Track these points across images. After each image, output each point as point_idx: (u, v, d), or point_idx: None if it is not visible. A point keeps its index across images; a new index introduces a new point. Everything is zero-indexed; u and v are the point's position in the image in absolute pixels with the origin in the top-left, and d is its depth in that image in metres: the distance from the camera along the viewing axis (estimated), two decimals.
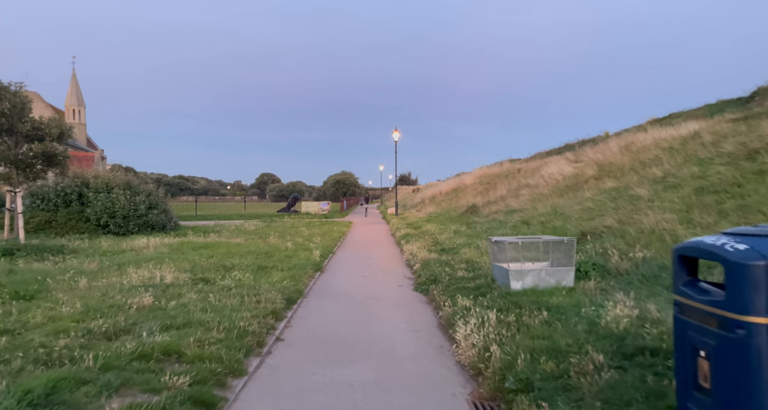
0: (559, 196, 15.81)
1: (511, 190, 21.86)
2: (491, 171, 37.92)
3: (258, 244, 14.30)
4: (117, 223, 15.77)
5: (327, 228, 21.82)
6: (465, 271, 8.84)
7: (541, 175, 20.66)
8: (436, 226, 18.65)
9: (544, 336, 4.52)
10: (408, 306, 7.44)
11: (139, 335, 4.63)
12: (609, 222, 9.47)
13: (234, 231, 18.92)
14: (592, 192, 13.49)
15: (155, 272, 8.29)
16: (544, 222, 12.57)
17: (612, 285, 6.44)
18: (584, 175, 16.23)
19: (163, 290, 6.93)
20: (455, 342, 5.24)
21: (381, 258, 13.31)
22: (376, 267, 11.64)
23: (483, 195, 25.17)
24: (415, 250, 12.63)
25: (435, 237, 15.20)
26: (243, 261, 10.54)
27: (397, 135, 30.43)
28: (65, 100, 64.90)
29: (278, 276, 9.05)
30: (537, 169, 24.18)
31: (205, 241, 14.41)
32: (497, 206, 19.07)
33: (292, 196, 37.83)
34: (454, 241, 13.44)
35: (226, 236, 16.80)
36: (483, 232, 14.78)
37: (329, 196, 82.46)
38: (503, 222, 15.47)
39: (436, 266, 9.81)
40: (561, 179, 17.89)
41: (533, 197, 17.34)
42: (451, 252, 11.94)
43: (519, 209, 16.49)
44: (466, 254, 10.80)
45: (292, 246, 14.03)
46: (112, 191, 16.14)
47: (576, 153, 22.13)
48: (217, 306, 6.11)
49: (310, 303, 7.58)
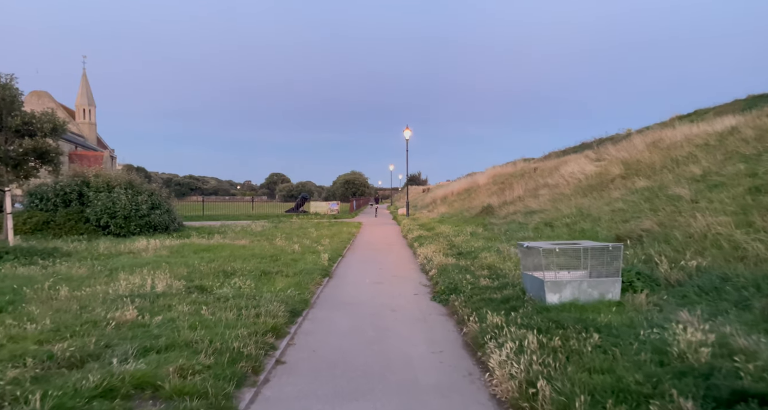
0: (583, 196, 14.87)
1: (528, 189, 20.90)
2: (505, 170, 36.93)
3: (263, 247, 13.55)
4: (118, 224, 15.13)
5: (336, 230, 21.06)
6: (488, 279, 7.97)
7: (560, 174, 19.69)
8: (450, 228, 17.78)
9: (603, 368, 3.65)
10: (426, 320, 6.60)
11: (110, 362, 3.85)
12: (648, 225, 8.54)
13: (240, 233, 18.22)
14: (621, 191, 12.54)
15: (148, 279, 7.55)
16: (570, 225, 11.65)
17: (666, 299, 5.54)
18: (609, 173, 15.25)
19: (151, 301, 6.17)
20: (487, 370, 4.40)
21: (393, 262, 12.49)
22: (388, 272, 10.82)
23: (498, 195, 24.22)
24: (430, 254, 11.79)
25: (450, 239, 14.34)
26: (245, 266, 9.78)
27: (409, 133, 29.59)
28: (76, 100, 65.00)
29: (283, 283, 8.27)
30: (555, 168, 23.20)
31: (208, 243, 13.71)
32: (515, 207, 18.15)
33: (301, 195, 37.13)
34: (471, 244, 12.57)
35: (230, 238, 16.09)
36: (502, 235, 13.89)
37: (338, 196, 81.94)
38: (523, 224, 14.56)
39: (455, 272, 8.96)
40: (583, 178, 16.92)
41: (554, 197, 16.40)
42: (469, 256, 11.07)
43: (539, 210, 15.56)
44: (487, 259, 9.92)
45: (299, 248, 13.27)
46: (113, 190, 15.51)
47: (596, 151, 21.11)
48: (210, 321, 5.33)
49: (316, 315, 6.77)
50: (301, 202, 35.92)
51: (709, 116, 19.00)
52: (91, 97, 66.15)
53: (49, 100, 63.29)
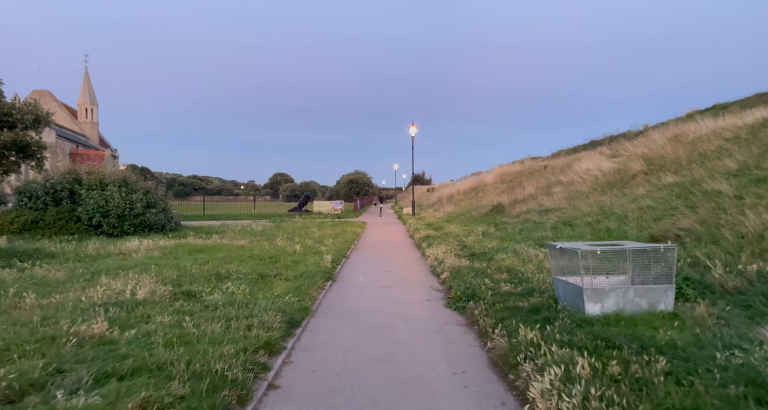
0: (601, 193, 14.00)
1: (540, 187, 20.04)
2: (512, 169, 36.07)
3: (263, 247, 12.77)
4: (111, 223, 14.38)
5: (340, 229, 20.26)
6: (510, 284, 7.14)
7: (575, 172, 18.81)
8: (459, 227, 16.95)
9: (687, 408, 2.82)
10: (443, 331, 5.78)
11: (55, 395, 3.05)
12: (687, 224, 7.68)
13: (239, 232, 17.45)
14: (646, 188, 11.67)
15: (130, 284, 6.77)
16: (593, 224, 10.80)
17: (729, 311, 4.70)
18: (629, 169, 14.37)
19: (129, 310, 5.39)
20: (526, 400, 3.58)
21: (401, 263, 11.67)
22: (396, 274, 10.01)
23: (508, 193, 23.35)
24: (441, 255, 10.97)
25: (461, 239, 13.51)
26: (242, 268, 9.00)
27: (414, 130, 28.74)
28: (78, 99, 64.52)
29: (281, 287, 7.47)
30: (567, 165, 22.34)
31: (204, 244, 12.93)
32: (527, 205, 17.28)
33: (304, 194, 36.34)
34: (484, 245, 11.74)
35: (229, 238, 15.32)
36: (516, 234, 13.04)
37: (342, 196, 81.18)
38: (538, 222, 13.71)
39: (470, 276, 8.14)
40: (600, 175, 16.05)
41: (570, 195, 15.53)
42: (483, 258, 10.24)
43: (555, 208, 14.70)
44: (505, 261, 9.08)
45: (300, 249, 12.47)
46: (107, 188, 14.77)
47: (612, 147, 20.23)
48: (192, 336, 4.53)
49: (317, 326, 5.97)
50: (304, 202, 35.13)
51: (733, 109, 18.07)
52: (93, 96, 65.65)
53: (50, 99, 62.90)
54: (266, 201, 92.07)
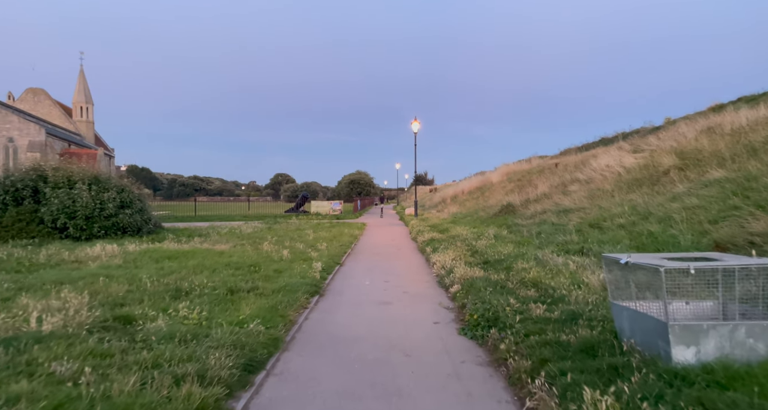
0: (628, 191, 12.43)
1: (554, 186, 18.46)
2: (519, 167, 34.54)
3: (245, 253, 11.24)
4: (77, 226, 12.85)
5: (337, 231, 18.71)
6: (541, 305, 5.57)
7: (592, 169, 17.23)
8: (467, 229, 15.38)
9: None
10: (459, 376, 4.22)
11: None
12: (761, 228, 6.11)
13: (226, 235, 15.93)
14: (686, 185, 10.09)
15: (53, 304, 5.23)
16: (627, 226, 9.22)
17: None
18: (659, 165, 12.79)
19: (17, 352, 3.83)
20: None
21: (403, 272, 10.12)
22: (397, 286, 8.46)
23: (517, 193, 21.78)
24: (449, 262, 9.42)
25: (470, 244, 11.94)
26: (210, 281, 7.46)
27: (417, 125, 27.16)
28: (73, 97, 63.15)
29: (251, 307, 5.92)
30: (581, 162, 20.74)
31: (178, 249, 11.40)
32: (542, 205, 15.71)
33: (301, 194, 34.75)
34: (498, 250, 10.16)
35: (212, 241, 13.80)
36: (534, 238, 11.46)
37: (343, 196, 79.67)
38: (558, 224, 12.13)
39: (487, 291, 6.59)
40: (623, 171, 14.47)
41: (591, 193, 13.96)
42: (499, 266, 8.68)
43: (575, 208, 13.13)
44: (528, 272, 7.51)
45: (288, 255, 10.93)
46: (75, 186, 13.24)
47: (631, 142, 18.64)
48: (77, 403, 2.97)
49: (289, 367, 4.41)
50: (301, 202, 33.55)
51: (763, 100, 16.47)
52: (88, 95, 64.25)
53: (45, 97, 61.77)
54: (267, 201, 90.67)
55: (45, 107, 59.97)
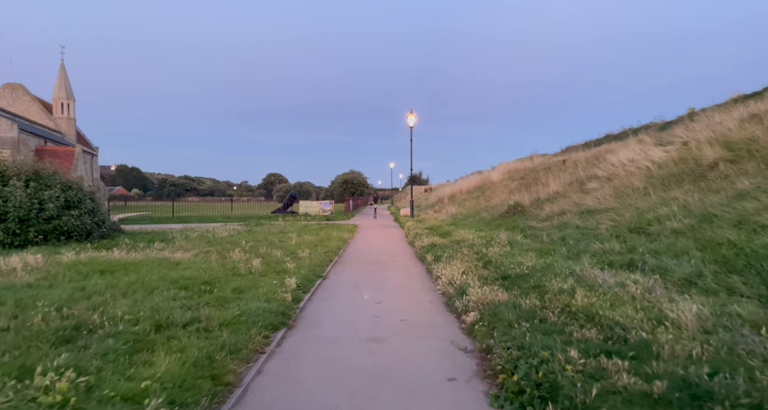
0: (665, 188, 10.50)
1: (568, 184, 16.51)
2: (521, 165, 32.65)
3: (207, 263, 9.18)
4: (8, 230, 10.69)
5: (324, 234, 16.67)
6: (621, 361, 3.56)
7: (611, 164, 15.30)
8: (472, 233, 13.37)
9: None
10: None
11: None
12: None
13: (194, 240, 13.83)
14: (752, 180, 8.15)
15: None
16: (686, 232, 7.24)
17: None
18: (701, 158, 10.85)
19: None
20: None
21: (400, 288, 8.09)
22: (393, 310, 6.43)
23: (523, 192, 19.82)
24: (458, 277, 7.42)
25: (479, 251, 9.94)
26: (137, 308, 5.42)
27: (413, 119, 25.14)
28: (53, 93, 60.42)
29: (172, 360, 3.87)
30: (594, 158, 18.81)
31: (125, 259, 9.31)
32: (558, 205, 13.74)
33: (289, 194, 32.54)
34: (518, 261, 8.13)
35: (173, 248, 11.73)
36: (558, 244, 9.47)
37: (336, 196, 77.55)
38: (585, 228, 10.14)
39: (522, 327, 4.60)
40: (652, 166, 12.53)
41: (617, 192, 12.00)
42: (524, 283, 6.68)
43: (601, 208, 11.17)
44: (574, 297, 5.48)
45: (259, 266, 8.89)
46: (9, 183, 11.10)
47: (655, 135, 16.70)
48: None
49: None
50: (289, 202, 31.36)
51: None
52: (70, 91, 61.54)
53: (23, 93, 58.96)
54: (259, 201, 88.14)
55: (23, 103, 57.27)
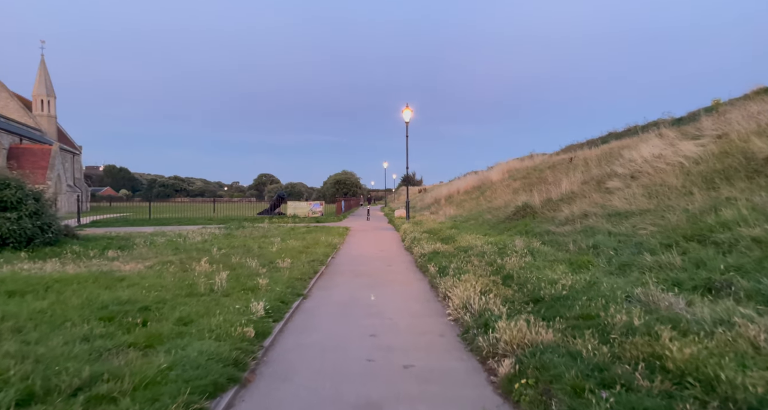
0: (709, 187, 8.89)
1: (581, 182, 14.86)
2: (520, 165, 31.13)
3: (160, 279, 7.40)
4: None
5: (312, 239, 14.89)
6: None
7: (630, 160, 13.69)
8: (478, 238, 11.64)
9: None
10: None
11: None
12: None
13: (159, 246, 12.00)
14: None
15: None
16: None
17: None
18: (750, 150, 9.25)
19: None
20: None
21: (399, 311, 6.34)
22: (392, 349, 4.69)
23: (530, 191, 18.19)
24: (474, 299, 5.69)
25: (493, 261, 8.20)
26: (4, 364, 3.62)
27: (409, 114, 23.42)
28: (33, 90, 57.98)
29: None
30: (607, 155, 17.22)
31: (54, 274, 7.49)
32: (576, 206, 12.06)
33: (277, 194, 30.66)
34: (548, 277, 6.40)
35: (130, 257, 9.92)
36: (589, 253, 7.77)
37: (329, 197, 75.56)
38: (620, 235, 8.46)
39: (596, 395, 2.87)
40: (686, 162, 10.92)
41: (649, 191, 10.36)
42: (566, 310, 4.98)
43: (634, 211, 9.52)
44: (670, 346, 3.76)
45: (223, 283, 7.10)
46: None
47: (677, 129, 15.11)
48: None
49: None
50: (277, 202, 29.47)
51: None
52: (50, 87, 59.13)
53: (1, 89, 56.56)
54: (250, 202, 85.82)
55: (1, 100, 54.87)
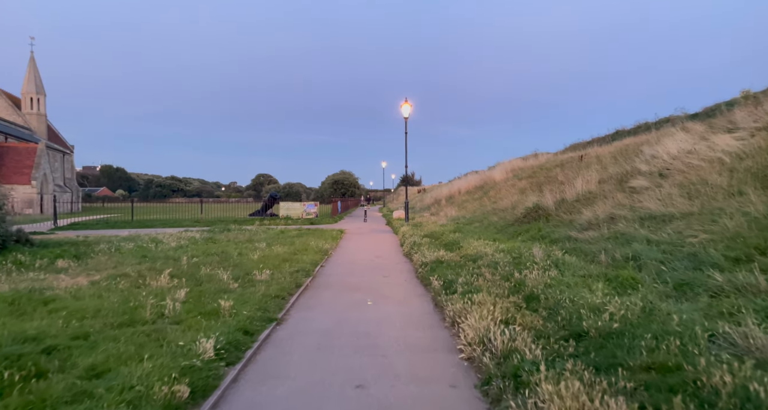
0: (765, 185, 7.46)
1: (598, 181, 13.43)
2: (524, 164, 29.67)
3: (101, 299, 5.97)
4: None
5: (301, 244, 13.45)
6: None
7: (656, 157, 12.26)
8: (488, 245, 10.18)
9: None
10: None
11: None
12: None
13: (124, 254, 10.56)
14: None
15: None
16: None
17: None
18: None
19: None
20: None
21: (396, 345, 4.90)
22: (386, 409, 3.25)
23: (539, 191, 16.76)
24: (496, 335, 4.28)
25: (508, 274, 6.75)
26: None
27: (408, 108, 21.99)
28: (22, 87, 56.43)
29: None
30: (623, 151, 15.80)
31: None
32: (599, 208, 10.61)
33: (269, 194, 29.19)
34: (586, 300, 4.97)
35: (81, 269, 8.49)
36: (627, 266, 6.33)
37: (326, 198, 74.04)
38: (663, 243, 7.03)
39: None
40: (726, 158, 9.50)
41: (689, 191, 8.94)
42: (625, 354, 3.59)
43: (674, 214, 8.10)
44: None
45: (176, 305, 5.66)
46: None
47: (706, 122, 13.70)
48: None
49: None
50: (269, 203, 27.99)
51: None
52: (40, 85, 57.58)
53: None
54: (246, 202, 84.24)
55: None
